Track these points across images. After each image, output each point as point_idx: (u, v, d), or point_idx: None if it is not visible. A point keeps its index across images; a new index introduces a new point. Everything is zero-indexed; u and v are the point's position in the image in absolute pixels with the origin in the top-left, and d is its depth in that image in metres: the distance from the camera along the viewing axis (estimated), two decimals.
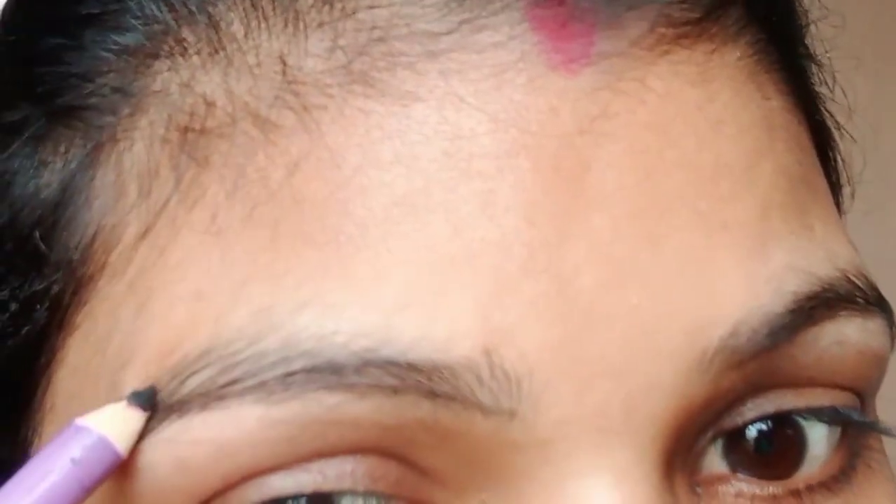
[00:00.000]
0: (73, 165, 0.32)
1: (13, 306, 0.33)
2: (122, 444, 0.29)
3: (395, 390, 0.29)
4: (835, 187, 0.40)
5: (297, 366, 0.29)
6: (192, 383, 0.30)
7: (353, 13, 0.31)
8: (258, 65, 0.31)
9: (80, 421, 0.29)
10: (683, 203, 0.31)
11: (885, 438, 0.36)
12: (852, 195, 0.46)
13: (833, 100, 0.41)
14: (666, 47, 0.32)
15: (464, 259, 0.30)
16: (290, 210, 0.30)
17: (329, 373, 0.29)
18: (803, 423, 0.33)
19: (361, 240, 0.30)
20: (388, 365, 0.29)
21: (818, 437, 0.33)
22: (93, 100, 0.32)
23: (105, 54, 0.32)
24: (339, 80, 0.31)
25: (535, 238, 0.30)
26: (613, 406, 0.30)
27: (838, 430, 0.34)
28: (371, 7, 0.31)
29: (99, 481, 0.28)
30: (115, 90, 0.32)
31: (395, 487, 0.30)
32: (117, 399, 0.30)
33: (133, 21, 0.32)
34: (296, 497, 0.30)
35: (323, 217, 0.30)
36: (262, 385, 0.29)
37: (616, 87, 0.31)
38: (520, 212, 0.30)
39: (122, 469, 0.30)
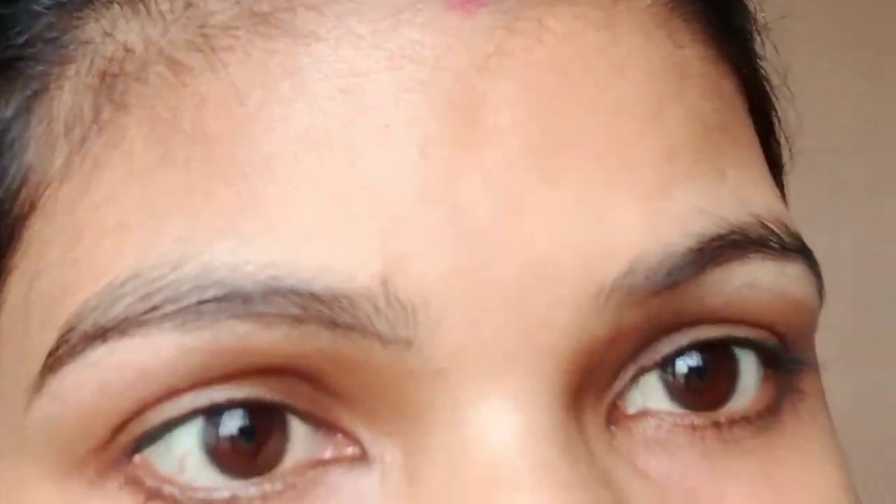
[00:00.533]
0: (9, 114, 0.34)
1: None
2: None
3: (298, 320, 0.30)
4: (771, 149, 0.41)
5: (209, 294, 0.30)
6: (116, 309, 0.31)
7: None
8: (171, 10, 0.32)
9: None
10: (581, 140, 0.32)
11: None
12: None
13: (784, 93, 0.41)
14: None
15: (362, 191, 0.31)
16: (201, 147, 0.31)
17: (238, 302, 0.30)
18: (735, 350, 0.34)
19: (268, 174, 0.31)
20: (292, 294, 0.30)
21: (749, 368, 0.34)
22: (26, 51, 0.34)
23: (35, 7, 0.34)
24: (245, 22, 0.32)
25: (430, 169, 0.31)
26: (509, 335, 0.31)
27: (762, 370, 0.34)
28: None
29: None
30: (47, 41, 0.33)
31: (310, 405, 0.32)
32: (46, 332, 0.32)
33: None
34: (234, 404, 0.31)
35: (230, 152, 0.31)
36: (178, 312, 0.30)
37: (512, 26, 0.32)
38: (414, 144, 0.31)
39: (46, 392, 0.32)
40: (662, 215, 0.32)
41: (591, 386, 0.32)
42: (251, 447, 0.31)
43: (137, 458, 0.32)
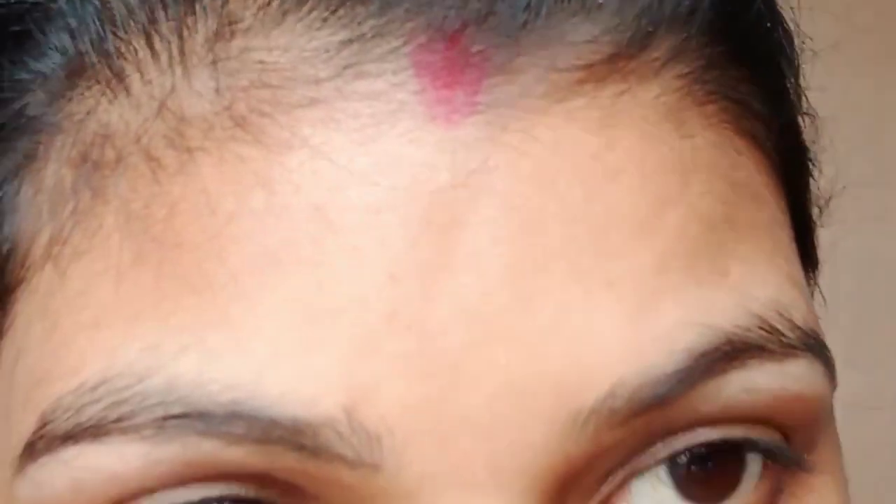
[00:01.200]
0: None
1: None
2: None
3: (261, 441, 0.30)
4: (804, 209, 0.39)
5: (174, 411, 0.30)
6: (87, 413, 0.31)
7: (241, 53, 0.31)
8: (151, 98, 0.31)
9: None
10: (562, 259, 0.30)
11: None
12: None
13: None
14: (563, 94, 0.31)
15: (328, 315, 0.30)
16: (172, 252, 0.31)
17: (201, 421, 0.30)
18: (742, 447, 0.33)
19: (235, 288, 0.30)
20: (253, 419, 0.30)
21: (755, 462, 0.33)
22: (13, 122, 0.33)
23: (24, 77, 0.33)
24: (222, 122, 0.31)
25: (399, 295, 0.30)
26: (477, 462, 0.30)
27: (759, 462, 0.33)
28: (260, 47, 0.31)
29: None
30: (32, 117, 0.33)
31: (285, 497, 0.31)
32: (27, 415, 0.32)
33: (47, 47, 0.33)
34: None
35: (200, 263, 0.30)
36: (144, 425, 0.30)
37: (499, 138, 0.30)
38: (382, 268, 0.30)
39: (26, 476, 0.32)
40: (646, 334, 0.31)
41: (574, 493, 0.31)
42: None
43: None
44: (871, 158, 1.09)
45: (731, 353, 0.31)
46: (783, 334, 0.32)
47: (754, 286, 0.32)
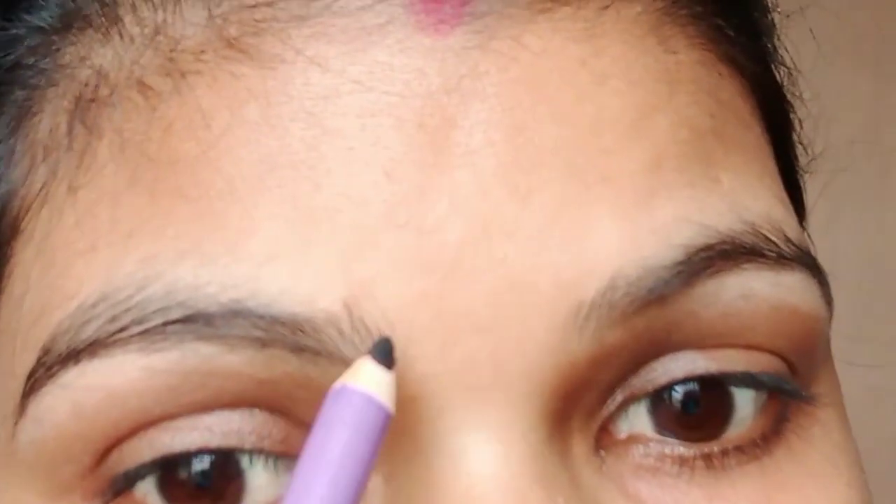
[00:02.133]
0: None
1: None
2: (387, 401, 0.29)
3: (262, 343, 0.30)
4: (787, 149, 0.39)
5: (175, 315, 0.30)
6: (87, 331, 0.31)
7: None
8: (142, 35, 0.32)
9: (342, 385, 0.29)
10: (557, 157, 0.31)
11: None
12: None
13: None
14: (548, 4, 0.32)
15: (325, 214, 0.30)
16: (167, 169, 0.31)
17: (202, 323, 0.30)
18: (732, 390, 0.33)
19: (231, 195, 0.31)
20: (254, 317, 0.30)
21: (745, 400, 0.33)
22: (9, 76, 0.34)
23: (17, 32, 0.34)
24: (214, 46, 0.32)
25: (396, 193, 0.30)
26: (481, 361, 0.30)
27: (764, 394, 0.33)
28: None
29: (379, 444, 0.29)
30: (29, 66, 0.34)
31: (282, 445, 0.31)
32: (26, 354, 0.32)
33: (42, 1, 0.34)
34: (190, 454, 0.31)
35: (195, 174, 0.31)
36: (144, 334, 0.30)
37: (487, 45, 0.31)
38: (379, 167, 0.30)
39: (28, 415, 0.32)
40: (643, 228, 0.31)
41: (577, 410, 0.32)
42: (210, 495, 0.31)
43: (122, 493, 0.32)
44: (870, 159, 1.09)
45: (726, 252, 0.32)
46: (777, 245, 0.33)
47: (746, 197, 0.33)
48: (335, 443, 0.28)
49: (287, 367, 0.30)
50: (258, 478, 0.31)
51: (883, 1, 1.06)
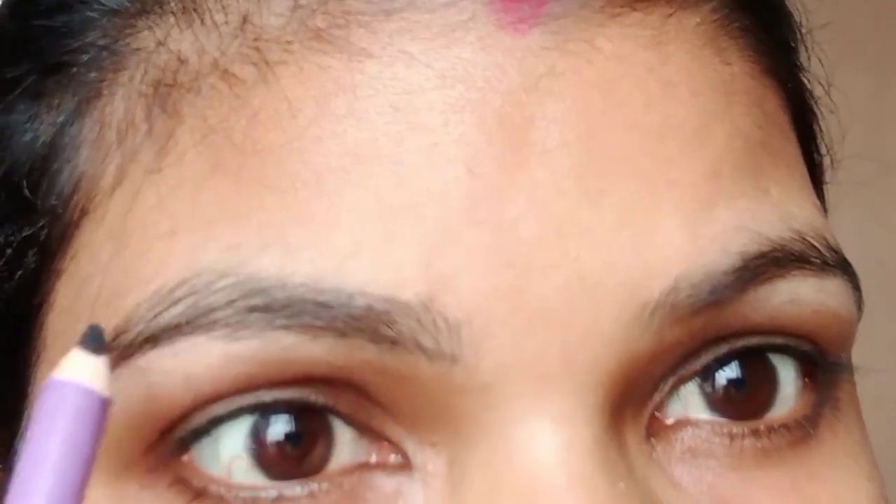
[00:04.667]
0: (61, 118, 0.35)
1: (8, 252, 0.35)
2: (99, 386, 0.30)
3: (343, 333, 0.31)
4: (813, 160, 0.41)
5: (256, 303, 0.31)
6: (165, 316, 0.32)
7: None
8: (226, 23, 0.33)
9: (53, 377, 0.30)
10: (627, 161, 0.32)
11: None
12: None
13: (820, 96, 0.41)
14: (618, 10, 0.33)
15: (409, 208, 0.31)
16: (252, 158, 0.32)
17: (284, 313, 0.31)
18: (773, 358, 0.35)
19: (316, 186, 0.32)
20: (337, 307, 0.31)
21: (788, 378, 0.35)
22: (80, 57, 0.34)
23: (91, 14, 0.34)
24: (299, 36, 0.32)
25: (477, 189, 0.32)
26: (552, 353, 0.31)
27: (802, 380, 0.35)
28: None
29: (100, 429, 0.30)
30: (101, 48, 0.34)
31: (355, 411, 0.32)
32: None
33: None
34: (279, 405, 0.32)
35: (281, 164, 0.32)
36: (225, 321, 0.31)
37: (564, 47, 0.33)
38: (462, 164, 0.32)
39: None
40: (705, 234, 0.33)
41: (631, 399, 0.33)
42: (297, 451, 0.32)
43: (185, 457, 0.33)
44: (871, 158, 1.08)
45: (778, 260, 0.33)
46: (821, 252, 0.34)
47: (792, 206, 0.35)
48: (53, 435, 0.29)
49: (366, 356, 0.31)
50: (343, 435, 0.32)
51: (883, 1, 1.06)
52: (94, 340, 0.30)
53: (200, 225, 0.32)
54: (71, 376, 0.29)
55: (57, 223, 0.34)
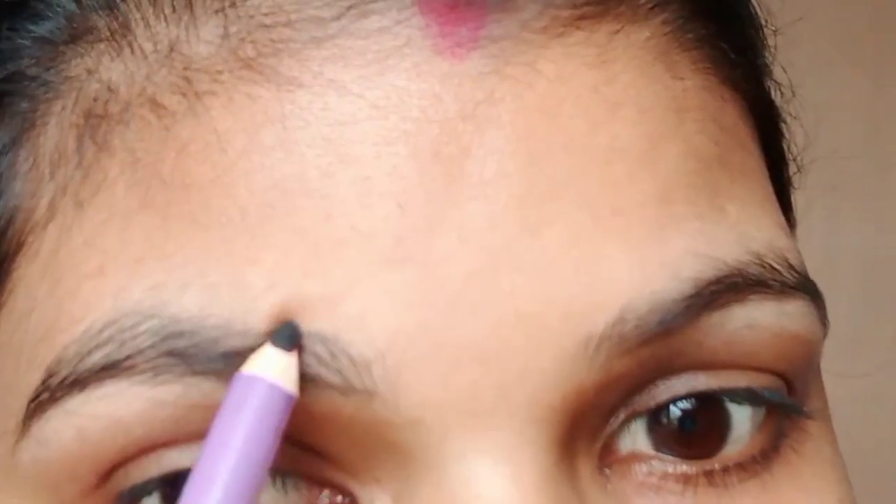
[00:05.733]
0: None
1: None
2: (289, 385, 0.30)
3: None
4: (780, 168, 0.40)
5: (176, 346, 0.31)
6: (93, 358, 0.31)
7: (246, 0, 0.32)
8: (155, 51, 0.32)
9: (247, 371, 0.30)
10: (570, 188, 0.31)
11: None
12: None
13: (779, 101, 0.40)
14: (561, 29, 0.32)
15: (331, 246, 0.31)
16: (180, 193, 0.31)
17: (200, 359, 0.31)
18: (727, 402, 0.34)
19: (241, 222, 0.31)
20: (247, 351, 0.30)
21: (742, 418, 0.34)
22: (11, 87, 0.34)
23: (21, 42, 0.34)
24: (230, 66, 0.32)
25: (405, 226, 0.31)
26: (484, 389, 0.31)
27: (762, 411, 0.34)
28: None
29: (283, 425, 0.30)
30: (32, 78, 0.34)
31: (291, 464, 0.32)
32: (31, 373, 0.32)
33: (46, 10, 0.34)
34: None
35: (208, 200, 0.31)
36: (148, 365, 0.31)
37: (503, 71, 0.32)
38: (392, 199, 0.31)
39: (31, 436, 0.32)
40: (653, 261, 0.32)
41: (582, 431, 0.32)
42: None
43: None
44: (870, 159, 1.09)
45: (734, 285, 0.32)
46: (781, 274, 0.34)
47: (751, 227, 0.34)
48: (238, 428, 0.30)
49: None
50: (262, 497, 0.32)
51: (882, 1, 1.06)
52: (287, 338, 0.30)
53: (128, 262, 0.31)
54: (258, 371, 0.30)
55: None
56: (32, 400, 0.32)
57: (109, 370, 0.31)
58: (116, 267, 0.32)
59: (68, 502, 0.32)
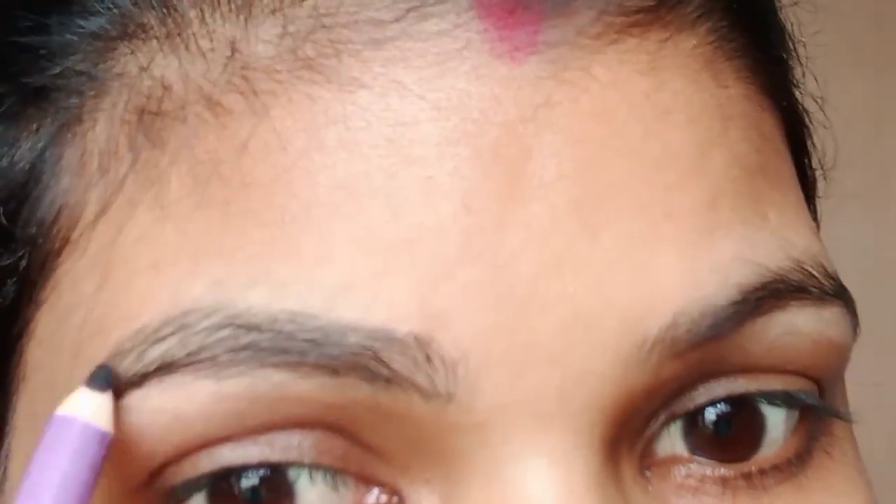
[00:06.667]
0: (41, 144, 0.34)
1: None
2: (104, 424, 0.31)
3: (335, 370, 0.31)
4: (806, 175, 0.41)
5: (245, 341, 0.31)
6: (152, 354, 0.31)
7: (304, 0, 0.32)
8: (212, 50, 0.32)
9: (60, 412, 0.31)
10: (625, 192, 0.32)
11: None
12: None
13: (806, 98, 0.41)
14: (615, 36, 0.33)
15: (402, 244, 0.31)
16: (240, 191, 0.32)
17: (273, 351, 0.31)
18: (762, 406, 0.34)
19: (306, 221, 0.31)
20: (329, 346, 0.31)
21: (777, 421, 0.34)
22: (60, 81, 0.34)
23: (71, 38, 0.34)
24: (289, 65, 0.32)
25: (473, 224, 0.31)
26: (548, 392, 0.31)
27: (796, 414, 0.35)
28: None
29: (100, 465, 0.31)
30: (81, 73, 0.34)
31: (341, 461, 0.32)
32: (79, 369, 0.32)
33: (97, 6, 0.34)
34: (247, 468, 0.32)
35: (270, 198, 0.31)
36: (213, 359, 0.31)
37: (560, 76, 0.32)
38: (457, 198, 0.31)
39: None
40: (703, 267, 0.32)
41: (627, 433, 0.33)
42: None
43: None
44: (870, 159, 1.09)
45: (777, 292, 0.33)
46: (820, 280, 0.34)
47: (790, 233, 0.34)
48: (51, 468, 0.30)
49: (358, 394, 0.31)
50: (310, 493, 0.32)
51: (883, 1, 1.06)
52: (101, 379, 0.30)
53: (185, 259, 0.32)
54: (73, 412, 0.30)
55: (37, 252, 0.34)
56: None
57: (171, 366, 0.31)
58: (173, 263, 0.32)
59: (115, 500, 0.32)
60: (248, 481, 0.32)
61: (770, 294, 0.33)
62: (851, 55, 1.00)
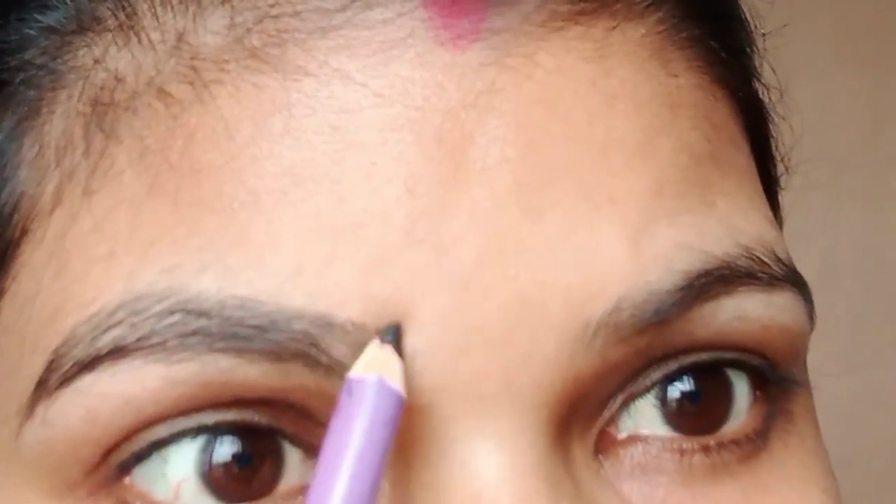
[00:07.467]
0: (0, 137, 0.35)
1: None
2: (397, 384, 0.31)
3: (279, 357, 0.31)
4: (767, 163, 0.42)
5: (194, 326, 0.32)
6: (104, 339, 0.32)
7: None
8: (162, 41, 0.33)
9: (354, 374, 0.31)
10: (569, 176, 0.33)
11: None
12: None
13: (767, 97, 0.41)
14: (560, 24, 0.34)
15: (348, 229, 0.32)
16: (190, 179, 0.33)
17: (221, 337, 0.31)
18: (729, 372, 0.35)
19: (254, 207, 0.32)
20: (275, 333, 0.31)
21: (742, 392, 0.35)
22: (19, 75, 0.35)
23: (28, 31, 0.35)
24: (236, 55, 0.33)
25: (416, 208, 0.32)
26: (491, 374, 0.32)
27: (753, 389, 0.35)
28: None
29: (396, 425, 0.31)
30: (39, 66, 0.35)
31: (300, 430, 0.33)
32: (36, 356, 0.33)
33: (54, 1, 0.35)
34: (219, 429, 0.32)
35: (219, 185, 0.32)
36: (163, 344, 0.32)
37: (503, 62, 0.33)
38: (401, 183, 0.32)
39: (36, 417, 0.33)
40: (648, 252, 0.33)
41: (578, 417, 0.34)
42: (246, 472, 0.33)
43: (127, 480, 0.33)
44: (870, 159, 1.09)
45: (723, 278, 0.34)
46: (770, 266, 0.35)
47: (740, 220, 0.35)
48: (355, 431, 0.30)
49: (303, 380, 0.32)
50: (292, 457, 0.33)
51: (882, 1, 1.06)
52: (394, 338, 0.31)
53: (139, 247, 0.32)
54: (370, 374, 0.31)
55: None
56: (39, 382, 0.33)
57: (122, 350, 0.32)
58: (127, 251, 0.32)
59: (72, 483, 0.33)
60: (232, 445, 0.32)
61: (716, 280, 0.33)
62: (851, 55, 1.00)
